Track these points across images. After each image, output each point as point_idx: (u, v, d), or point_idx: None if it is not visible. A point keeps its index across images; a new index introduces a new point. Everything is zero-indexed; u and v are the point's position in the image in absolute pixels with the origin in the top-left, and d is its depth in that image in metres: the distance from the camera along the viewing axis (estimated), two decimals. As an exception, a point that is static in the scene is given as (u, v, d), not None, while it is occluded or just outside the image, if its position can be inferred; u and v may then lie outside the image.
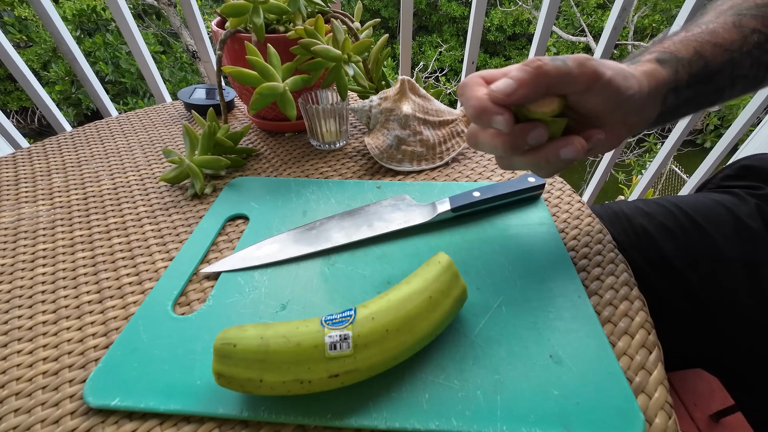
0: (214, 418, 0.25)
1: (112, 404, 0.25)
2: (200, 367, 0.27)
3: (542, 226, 0.38)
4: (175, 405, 0.25)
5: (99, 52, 3.62)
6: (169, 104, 0.66)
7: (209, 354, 0.27)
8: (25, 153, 0.53)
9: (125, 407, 0.25)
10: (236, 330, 0.24)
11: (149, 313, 0.31)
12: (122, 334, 0.29)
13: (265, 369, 0.23)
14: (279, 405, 0.25)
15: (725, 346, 0.41)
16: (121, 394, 0.25)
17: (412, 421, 0.24)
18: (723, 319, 0.40)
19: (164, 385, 0.26)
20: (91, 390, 0.26)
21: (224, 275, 0.34)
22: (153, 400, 0.25)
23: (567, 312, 0.30)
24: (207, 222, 0.40)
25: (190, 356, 0.28)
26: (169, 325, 0.30)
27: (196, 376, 0.26)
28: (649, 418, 0.24)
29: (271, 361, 0.23)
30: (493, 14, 5.26)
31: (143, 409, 0.25)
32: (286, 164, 0.50)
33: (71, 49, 0.81)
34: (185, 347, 0.28)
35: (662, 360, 0.28)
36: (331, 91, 0.50)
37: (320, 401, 0.25)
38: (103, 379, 0.26)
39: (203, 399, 0.25)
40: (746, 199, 0.44)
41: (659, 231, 0.44)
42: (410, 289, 0.26)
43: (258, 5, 0.43)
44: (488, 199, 0.39)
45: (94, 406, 0.25)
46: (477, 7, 0.84)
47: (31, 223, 0.41)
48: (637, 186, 1.24)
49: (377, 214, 0.39)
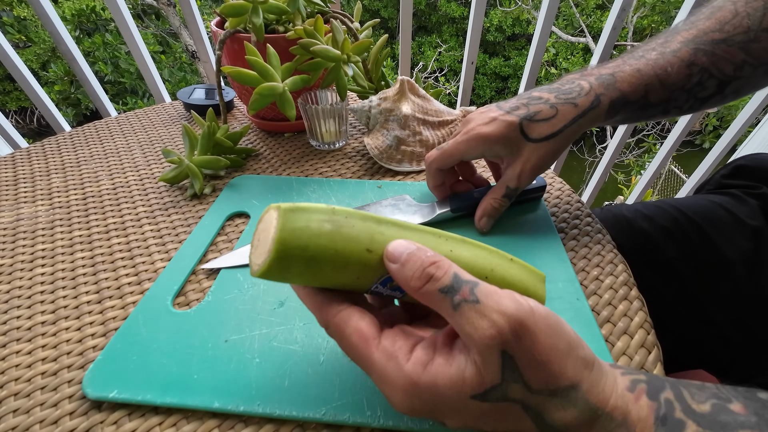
0: (215, 415, 0.25)
1: (110, 396, 0.25)
2: (197, 361, 0.27)
3: (541, 227, 0.39)
4: (172, 398, 0.25)
5: (98, 52, 3.61)
6: (168, 104, 0.66)
7: (207, 348, 0.28)
8: (24, 153, 0.53)
9: (122, 399, 0.25)
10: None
11: (149, 308, 0.31)
12: (122, 327, 0.30)
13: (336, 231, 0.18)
14: (274, 399, 0.25)
15: (726, 348, 0.41)
16: (119, 387, 0.26)
17: (405, 419, 0.24)
18: (723, 321, 0.40)
19: (162, 379, 0.26)
20: (90, 381, 0.26)
21: (224, 272, 0.34)
22: (150, 393, 0.25)
23: (565, 314, 0.30)
24: (208, 219, 0.40)
25: (188, 350, 0.28)
26: (168, 319, 0.30)
27: (194, 370, 0.27)
28: (648, 418, 0.24)
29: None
30: (493, 14, 5.26)
31: (140, 402, 0.25)
32: (286, 164, 0.50)
33: (70, 49, 0.81)
34: (183, 341, 0.28)
35: (661, 360, 0.28)
36: (330, 92, 0.50)
37: (316, 397, 0.25)
38: (102, 371, 0.27)
39: (200, 393, 0.25)
40: (745, 199, 0.44)
41: (660, 234, 0.44)
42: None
43: (257, 5, 0.43)
44: None
45: (92, 398, 0.25)
46: (476, 8, 0.84)
47: (29, 223, 0.41)
48: (636, 186, 1.24)
49: (377, 213, 0.39)
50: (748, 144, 1.29)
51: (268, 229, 0.18)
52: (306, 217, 0.17)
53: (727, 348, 0.41)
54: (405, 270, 0.18)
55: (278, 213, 0.17)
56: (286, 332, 0.29)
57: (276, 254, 0.17)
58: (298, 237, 0.17)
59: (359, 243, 0.18)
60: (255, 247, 0.18)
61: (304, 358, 0.27)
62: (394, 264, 0.18)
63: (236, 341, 0.28)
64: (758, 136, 1.26)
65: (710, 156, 1.09)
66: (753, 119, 0.99)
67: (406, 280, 0.18)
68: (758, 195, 0.44)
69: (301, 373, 0.26)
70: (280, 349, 0.28)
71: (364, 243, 0.18)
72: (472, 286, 0.18)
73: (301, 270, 0.18)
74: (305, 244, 0.17)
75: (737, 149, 1.27)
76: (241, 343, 0.28)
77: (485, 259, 0.22)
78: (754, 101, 0.95)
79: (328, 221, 0.18)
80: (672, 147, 1.05)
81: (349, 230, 0.18)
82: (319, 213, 0.18)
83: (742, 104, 1.09)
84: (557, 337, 0.17)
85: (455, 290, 0.18)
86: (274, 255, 0.17)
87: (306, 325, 0.30)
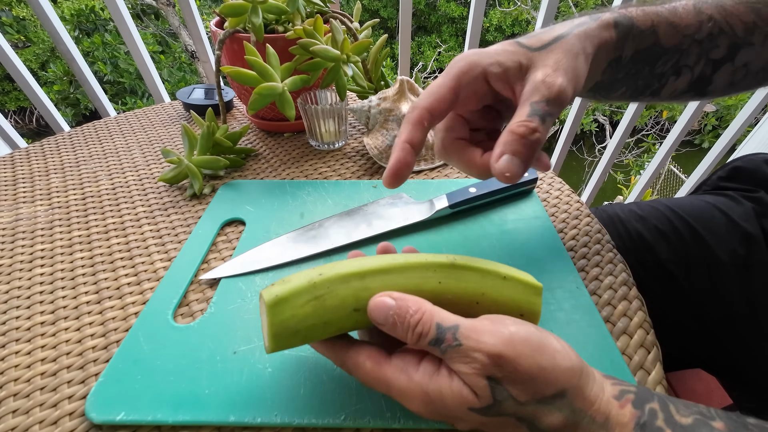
0: (232, 430, 0.24)
1: (118, 419, 0.24)
2: (207, 375, 0.26)
3: (537, 220, 0.39)
4: (185, 416, 0.24)
5: (97, 52, 3.60)
6: (167, 104, 0.66)
7: (215, 362, 0.27)
8: (23, 153, 0.53)
9: (132, 421, 0.24)
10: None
11: (149, 324, 0.30)
12: (122, 346, 0.28)
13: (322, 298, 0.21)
14: (291, 408, 0.25)
15: (719, 348, 0.41)
16: (126, 408, 0.25)
17: (425, 420, 0.24)
18: (716, 322, 0.40)
19: (171, 396, 0.25)
20: (94, 405, 0.25)
21: (224, 281, 0.33)
22: (161, 412, 0.24)
23: (567, 303, 0.31)
24: (202, 228, 0.39)
25: (195, 365, 0.27)
26: (170, 334, 0.29)
27: (204, 385, 0.26)
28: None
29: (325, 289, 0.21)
30: (492, 14, 5.26)
31: (151, 423, 0.24)
32: (285, 164, 0.50)
33: (69, 49, 0.80)
34: (190, 356, 0.28)
35: (660, 359, 0.28)
36: (330, 92, 0.50)
37: (334, 403, 0.25)
38: (105, 393, 0.26)
39: (213, 408, 0.25)
40: (741, 201, 0.44)
41: (653, 235, 0.44)
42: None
43: (257, 5, 0.43)
44: (484, 195, 0.39)
45: (98, 422, 0.24)
46: (476, 8, 0.84)
47: (29, 223, 0.41)
48: (635, 186, 1.24)
49: (376, 213, 0.39)
50: (747, 144, 1.29)
51: (264, 318, 0.21)
52: (289, 307, 0.20)
53: (723, 349, 0.41)
54: (397, 331, 0.20)
55: (266, 308, 0.20)
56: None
57: (274, 342, 0.20)
58: (286, 327, 0.20)
59: (345, 308, 0.21)
60: (262, 324, 0.22)
61: (317, 365, 0.27)
62: (381, 326, 0.21)
63: (245, 352, 0.28)
64: (757, 135, 1.26)
65: (709, 156, 1.09)
66: (752, 119, 0.99)
67: (402, 339, 0.20)
68: (754, 198, 0.44)
69: (316, 380, 0.26)
70: (292, 357, 0.27)
71: (350, 305, 0.21)
72: (454, 332, 0.19)
73: (301, 342, 0.21)
74: (295, 330, 0.20)
75: (736, 149, 1.27)
76: (251, 354, 0.28)
77: (477, 283, 0.23)
78: (753, 101, 0.95)
79: (310, 301, 0.20)
80: (671, 147, 1.05)
81: (332, 300, 0.21)
82: (302, 296, 0.20)
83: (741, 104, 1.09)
84: (540, 354, 0.19)
85: (441, 340, 0.19)
86: (273, 343, 0.20)
87: None
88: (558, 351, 0.19)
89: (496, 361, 0.18)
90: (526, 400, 0.19)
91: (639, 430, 0.18)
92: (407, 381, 0.20)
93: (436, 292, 0.22)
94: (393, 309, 0.20)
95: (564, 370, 0.19)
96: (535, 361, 0.19)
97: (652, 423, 0.18)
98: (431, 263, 0.22)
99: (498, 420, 0.19)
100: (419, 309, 0.20)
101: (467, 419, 0.20)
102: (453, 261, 0.23)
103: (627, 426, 0.18)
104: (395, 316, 0.20)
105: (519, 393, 0.19)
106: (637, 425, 0.18)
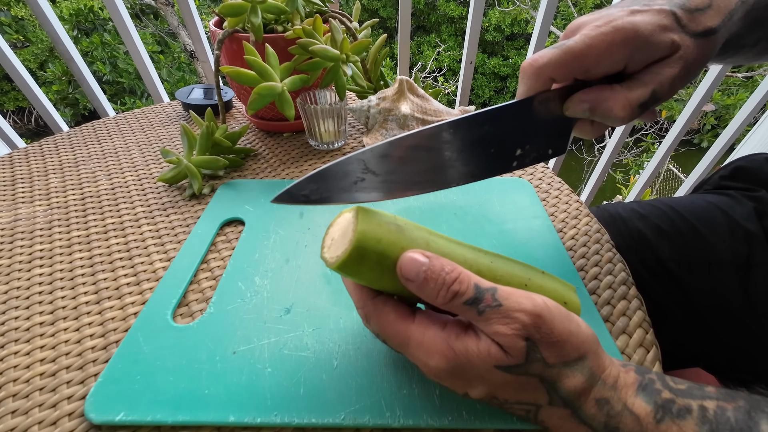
0: (232, 430, 0.24)
1: (117, 419, 0.24)
2: (207, 375, 0.26)
3: (537, 220, 0.39)
4: (184, 416, 0.24)
5: (96, 52, 3.60)
6: (166, 104, 0.66)
7: (215, 362, 0.27)
8: (21, 153, 0.52)
9: (131, 422, 0.24)
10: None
11: (148, 324, 0.30)
12: (121, 346, 0.28)
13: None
14: (291, 408, 0.25)
15: (719, 347, 0.41)
16: (125, 409, 0.25)
17: (425, 417, 0.24)
18: (716, 321, 0.40)
19: (171, 397, 0.25)
20: (93, 406, 0.25)
21: (223, 282, 0.33)
22: (160, 412, 0.24)
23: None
24: (201, 227, 0.39)
25: (195, 365, 0.27)
26: (170, 334, 0.29)
27: (204, 385, 0.26)
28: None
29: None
30: (491, 14, 5.26)
31: (150, 423, 0.24)
32: (285, 164, 0.50)
33: (68, 48, 0.80)
34: (189, 357, 0.28)
35: (660, 358, 0.28)
36: (329, 91, 0.50)
37: (333, 402, 0.25)
38: (104, 394, 0.26)
39: (213, 408, 0.25)
40: (742, 201, 0.44)
41: (654, 233, 0.44)
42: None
43: (256, 5, 0.43)
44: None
45: (97, 422, 0.24)
46: (475, 7, 0.84)
47: (27, 223, 0.41)
48: (634, 186, 1.25)
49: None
50: (746, 143, 1.29)
51: (345, 227, 0.21)
52: (378, 217, 0.21)
53: (723, 348, 0.41)
54: (427, 289, 0.20)
55: (356, 213, 0.20)
56: (295, 339, 0.29)
57: (357, 243, 0.19)
58: (374, 230, 0.20)
59: (418, 245, 0.21)
60: (328, 246, 0.21)
61: (317, 365, 0.27)
62: (410, 282, 0.20)
63: (245, 352, 0.28)
64: (756, 135, 1.26)
65: (708, 155, 1.09)
66: (751, 118, 0.99)
67: (430, 298, 0.20)
68: (756, 198, 0.44)
69: (315, 379, 0.26)
70: (292, 357, 0.27)
71: (422, 246, 0.21)
72: (493, 292, 0.20)
73: (371, 264, 0.20)
74: (379, 237, 0.20)
75: (735, 148, 1.27)
76: (251, 354, 0.28)
77: (522, 271, 0.24)
78: (752, 101, 0.95)
79: (394, 224, 0.21)
80: (670, 146, 1.05)
81: (410, 233, 0.21)
82: (387, 216, 0.21)
83: (740, 103, 1.09)
84: (569, 321, 0.20)
85: (479, 299, 0.20)
86: (355, 244, 0.19)
87: (315, 330, 0.29)
88: (581, 322, 0.21)
89: (536, 321, 0.19)
90: (555, 363, 0.20)
91: (641, 390, 0.21)
92: (433, 335, 0.21)
93: (490, 268, 0.23)
94: (426, 265, 0.20)
95: (587, 336, 0.21)
96: (566, 327, 0.20)
97: (651, 386, 0.21)
98: (480, 248, 0.24)
99: (521, 379, 0.20)
100: (455, 269, 0.20)
101: (489, 378, 0.20)
102: (494, 253, 0.24)
103: (631, 387, 0.21)
104: (428, 272, 0.20)
105: (549, 355, 0.20)
106: (640, 386, 0.21)
